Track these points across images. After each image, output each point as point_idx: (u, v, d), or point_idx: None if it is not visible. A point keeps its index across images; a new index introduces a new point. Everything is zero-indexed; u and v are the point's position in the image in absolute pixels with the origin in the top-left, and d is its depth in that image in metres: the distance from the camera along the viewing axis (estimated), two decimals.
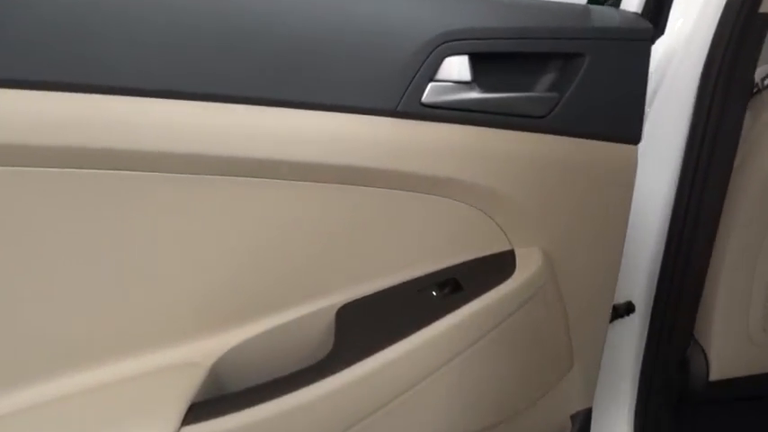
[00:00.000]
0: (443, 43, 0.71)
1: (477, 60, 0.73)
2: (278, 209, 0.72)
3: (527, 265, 0.82)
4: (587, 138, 0.81)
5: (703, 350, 1.21)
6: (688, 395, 1.20)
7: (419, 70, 0.70)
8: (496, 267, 0.82)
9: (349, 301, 0.78)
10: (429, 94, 0.71)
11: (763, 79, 1.13)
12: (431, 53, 0.70)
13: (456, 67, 0.71)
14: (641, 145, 0.82)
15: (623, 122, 0.82)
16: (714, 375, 1.20)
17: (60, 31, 0.64)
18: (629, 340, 1.13)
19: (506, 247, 0.83)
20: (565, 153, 0.81)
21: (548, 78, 0.78)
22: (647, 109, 0.97)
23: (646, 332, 1.12)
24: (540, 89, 0.78)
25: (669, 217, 1.03)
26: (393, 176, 0.73)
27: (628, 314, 1.12)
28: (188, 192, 0.68)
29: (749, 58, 0.97)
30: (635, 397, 1.15)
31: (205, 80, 0.67)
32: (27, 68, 0.63)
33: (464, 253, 0.82)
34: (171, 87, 0.66)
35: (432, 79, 0.71)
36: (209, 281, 0.71)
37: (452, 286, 0.80)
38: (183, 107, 0.66)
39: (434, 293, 0.79)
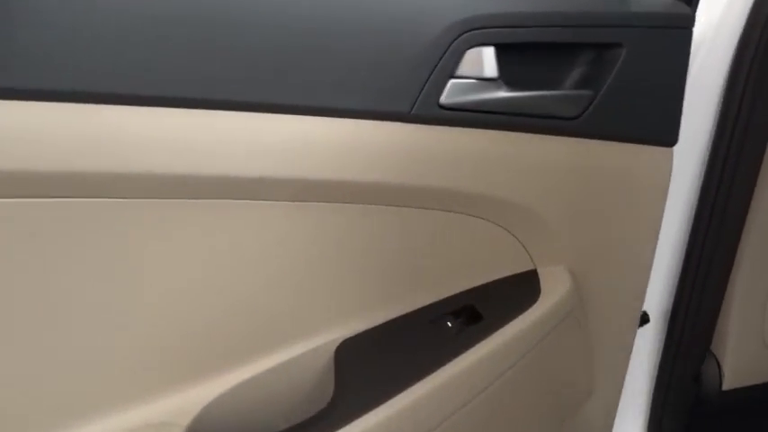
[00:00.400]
0: (465, 32, 0.58)
1: (503, 52, 0.61)
2: (265, 234, 0.60)
3: (553, 289, 0.71)
4: (621, 141, 0.70)
5: (717, 359, 1.15)
6: (700, 405, 1.14)
7: (437, 65, 0.58)
8: (519, 291, 0.71)
9: (350, 335, 0.66)
10: (449, 93, 0.59)
11: None
12: (450, 44, 0.58)
13: (480, 60, 0.59)
14: None
15: (660, 122, 0.72)
16: (727, 384, 1.14)
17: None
18: (642, 351, 1.05)
19: (529, 267, 0.73)
20: (596, 159, 0.70)
21: (581, 73, 0.67)
22: None
23: (662, 345, 1.04)
24: (573, 86, 0.67)
25: (691, 220, 0.94)
26: (403, 192, 0.61)
27: (642, 325, 1.04)
28: (155, 219, 0.55)
29: None
30: (648, 409, 1.08)
31: (189, 84, 0.53)
32: None
33: (482, 275, 0.71)
34: (153, 93, 0.52)
35: (452, 76, 0.59)
36: (182, 326, 0.59)
37: (469, 314, 0.69)
38: (164, 116, 0.53)
39: (449, 324, 0.68)
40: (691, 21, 0.69)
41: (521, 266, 0.72)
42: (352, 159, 0.58)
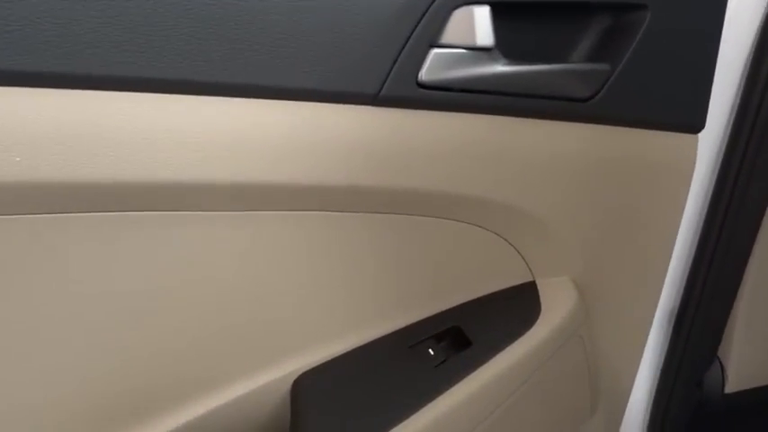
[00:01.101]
0: None
1: (500, 14, 0.47)
2: (215, 250, 0.47)
3: (555, 305, 0.59)
4: (640, 126, 0.58)
5: (721, 363, 1.07)
6: (702, 408, 1.07)
7: (413, 32, 0.44)
8: (514, 309, 0.59)
9: (310, 366, 0.54)
10: (430, 68, 0.46)
11: None
12: (431, 3, 0.44)
13: (470, 24, 0.46)
14: None
15: (686, 104, 0.59)
16: (730, 388, 1.06)
17: None
18: (645, 354, 0.95)
19: (527, 279, 0.60)
20: (609, 149, 0.57)
21: (595, 43, 0.54)
22: None
23: (665, 348, 0.95)
24: (585, 58, 0.54)
25: (703, 219, 0.82)
26: (372, 195, 0.48)
27: None
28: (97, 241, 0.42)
29: None
30: (649, 413, 1.00)
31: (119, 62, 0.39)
32: None
33: (470, 290, 0.58)
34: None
35: (434, 45, 0.45)
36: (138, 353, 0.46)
37: (455, 338, 0.57)
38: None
39: (431, 351, 0.56)
40: None
41: (517, 278, 0.60)
42: (307, 156, 0.44)
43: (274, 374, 0.53)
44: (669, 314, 0.93)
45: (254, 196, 0.44)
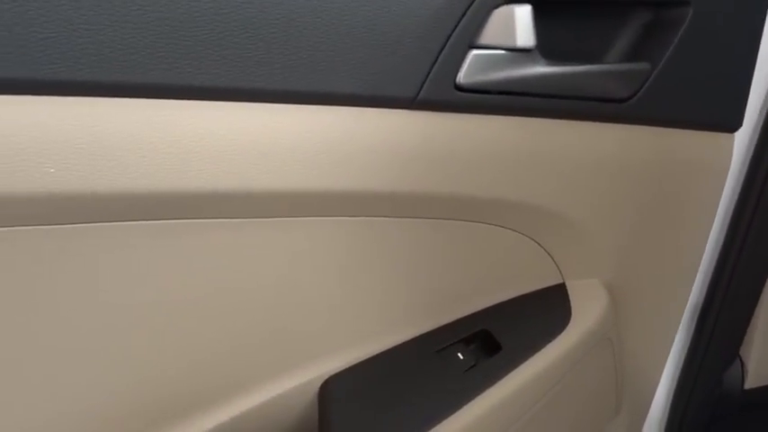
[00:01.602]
0: None
1: (541, 12, 0.45)
2: (246, 257, 0.46)
3: (586, 309, 0.58)
4: (677, 126, 0.56)
5: (741, 359, 1.06)
6: (721, 404, 1.06)
7: (453, 32, 0.43)
8: (545, 311, 0.58)
9: (337, 371, 0.53)
10: (469, 70, 0.44)
11: None
12: (472, 2, 0.42)
13: (511, 24, 0.44)
14: None
15: (725, 102, 0.57)
16: (750, 383, 1.05)
17: None
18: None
19: (557, 281, 0.59)
20: (644, 150, 0.56)
21: (635, 40, 0.52)
22: None
23: (688, 345, 0.94)
24: (624, 57, 0.52)
25: (730, 216, 0.80)
26: (405, 201, 0.47)
27: None
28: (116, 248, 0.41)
29: None
30: (669, 410, 0.99)
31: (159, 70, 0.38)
32: None
33: (500, 292, 0.57)
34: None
35: (472, 45, 0.44)
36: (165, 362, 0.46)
37: (483, 341, 0.56)
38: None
39: (460, 354, 0.55)
40: None
41: (547, 280, 0.59)
42: (344, 162, 0.43)
43: (302, 378, 0.52)
44: (693, 311, 0.92)
45: (288, 203, 0.43)
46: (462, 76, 0.44)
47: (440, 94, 0.43)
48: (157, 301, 0.44)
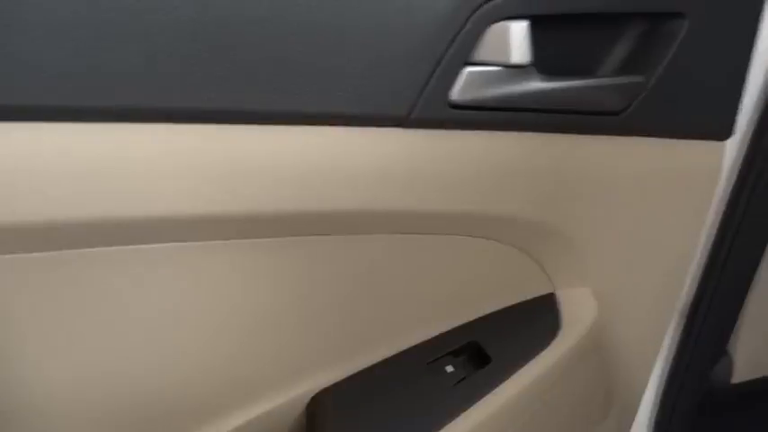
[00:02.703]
0: (486, 2, 0.42)
1: (536, 28, 0.44)
2: (230, 276, 0.45)
3: (576, 318, 0.58)
4: (668, 137, 0.56)
5: (729, 354, 1.07)
6: (709, 398, 1.08)
7: (448, 49, 0.41)
8: (534, 321, 0.58)
9: (326, 386, 0.52)
10: (463, 87, 0.43)
11: None
12: (467, 20, 0.41)
13: (506, 40, 0.43)
14: None
15: (717, 112, 0.57)
16: (737, 378, 1.07)
17: None
18: None
19: (547, 290, 0.59)
20: (636, 160, 0.55)
21: (629, 53, 0.51)
22: None
23: (677, 343, 0.94)
24: (618, 70, 0.51)
25: (720, 218, 0.81)
26: (398, 218, 0.46)
27: None
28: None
29: None
30: (658, 407, 1.01)
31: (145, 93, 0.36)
32: None
33: (489, 303, 0.57)
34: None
35: (467, 62, 0.43)
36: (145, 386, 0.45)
37: (472, 353, 0.56)
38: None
39: (450, 367, 0.55)
40: None
41: (536, 290, 0.58)
42: (335, 181, 0.42)
43: (290, 394, 0.51)
44: (682, 308, 0.93)
45: (282, 224, 0.42)
46: (457, 94, 0.43)
47: (434, 111, 0.42)
48: (142, 323, 0.43)
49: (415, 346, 0.55)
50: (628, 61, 0.51)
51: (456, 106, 0.43)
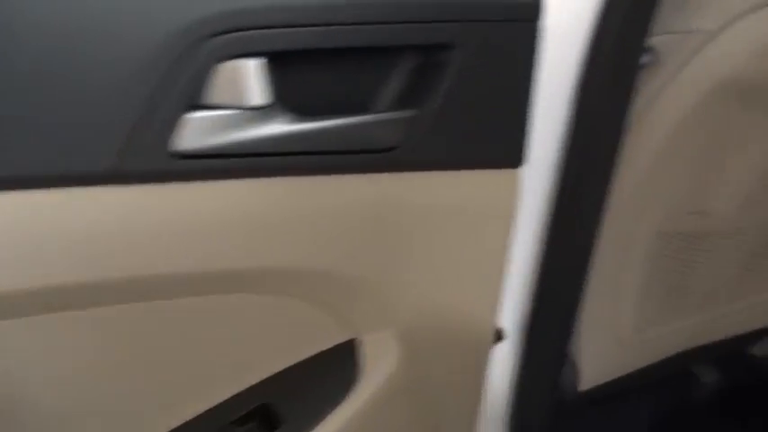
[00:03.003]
0: (212, 36, 0.37)
1: (277, 66, 0.41)
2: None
3: (377, 365, 0.55)
4: (453, 169, 0.54)
5: (573, 362, 1.11)
6: (559, 408, 1.11)
7: (165, 91, 0.37)
8: (332, 373, 0.54)
9: None
10: (189, 133, 0.38)
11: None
12: (182, 56, 0.37)
13: (239, 80, 0.39)
14: None
15: (503, 141, 0.56)
16: (584, 385, 1.11)
17: None
18: (498, 369, 0.96)
19: (344, 338, 0.55)
20: (420, 195, 0.53)
21: (397, 87, 0.49)
22: None
23: (519, 358, 0.96)
24: (387, 106, 0.49)
25: (546, 232, 0.83)
26: (158, 284, 0.40)
27: (496, 342, 0.94)
28: None
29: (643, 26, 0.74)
30: (508, 423, 1.01)
31: None
32: None
33: (280, 360, 0.52)
34: None
35: (192, 105, 0.38)
36: None
37: (262, 417, 0.51)
38: None
39: None
40: (537, 12, 0.54)
41: (332, 339, 0.55)
42: (39, 255, 0.35)
43: None
44: (518, 327, 0.93)
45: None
46: (181, 142, 0.38)
47: (149, 162, 0.37)
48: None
49: (199, 416, 0.49)
50: (401, 96, 0.49)
51: (182, 155, 0.38)
